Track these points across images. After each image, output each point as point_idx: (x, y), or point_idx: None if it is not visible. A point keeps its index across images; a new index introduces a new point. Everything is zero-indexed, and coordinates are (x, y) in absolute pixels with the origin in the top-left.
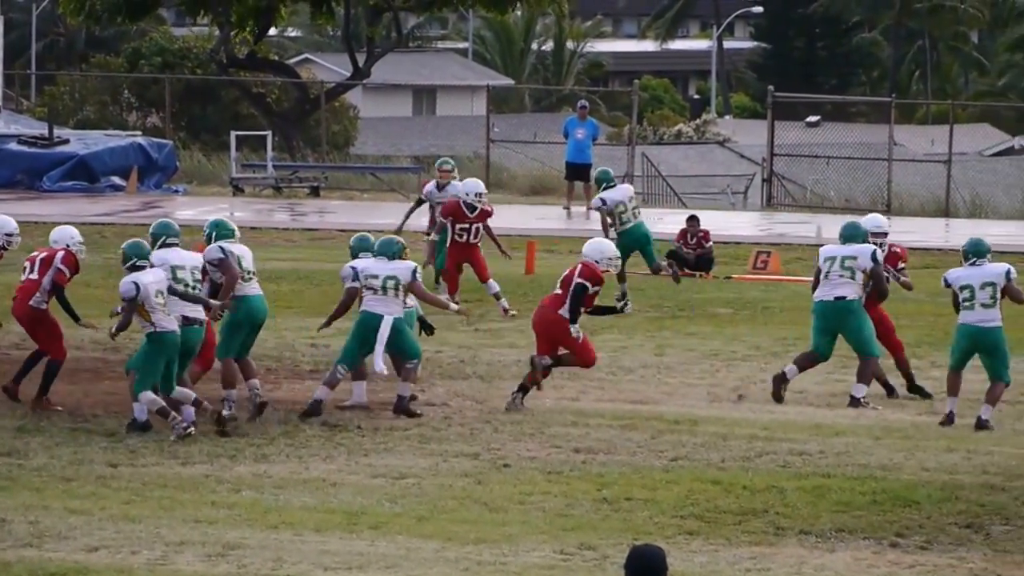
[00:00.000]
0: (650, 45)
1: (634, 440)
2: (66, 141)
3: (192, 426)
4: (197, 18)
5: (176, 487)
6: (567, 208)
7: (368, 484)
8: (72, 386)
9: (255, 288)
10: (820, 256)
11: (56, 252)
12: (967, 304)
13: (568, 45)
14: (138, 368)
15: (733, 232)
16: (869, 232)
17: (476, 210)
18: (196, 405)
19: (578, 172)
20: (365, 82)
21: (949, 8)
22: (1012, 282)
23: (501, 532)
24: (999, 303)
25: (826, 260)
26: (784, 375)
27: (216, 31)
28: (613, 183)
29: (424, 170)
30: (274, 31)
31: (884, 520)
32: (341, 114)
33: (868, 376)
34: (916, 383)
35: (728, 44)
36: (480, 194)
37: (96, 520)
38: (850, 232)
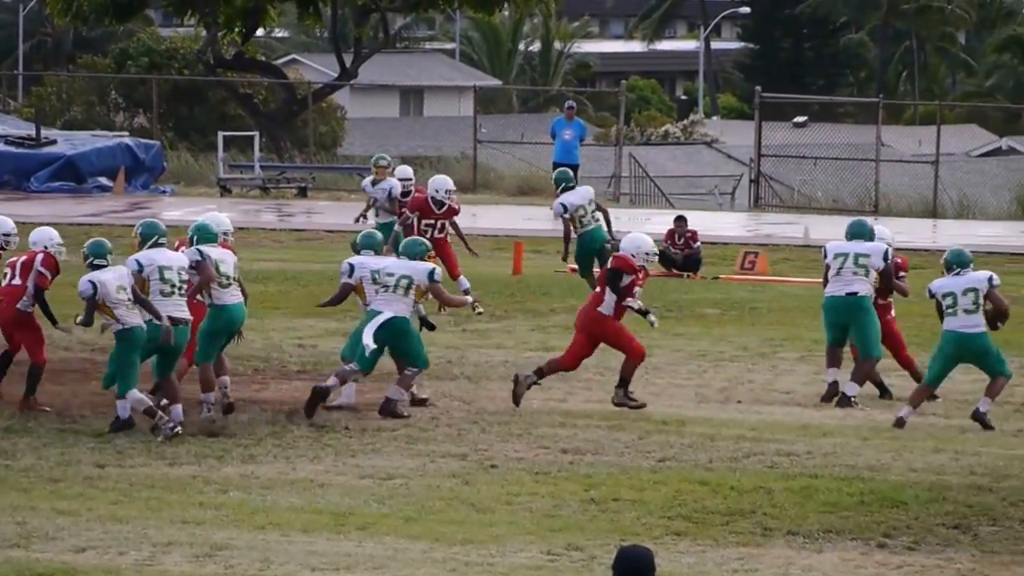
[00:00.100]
0: (637, 46)
1: (622, 441)
2: (53, 142)
3: (179, 426)
4: (184, 19)
5: (164, 488)
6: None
7: (356, 485)
8: (60, 387)
9: (234, 296)
10: (827, 252)
11: (35, 255)
12: (950, 311)
13: (555, 46)
14: (116, 371)
15: (721, 233)
16: None
17: (444, 206)
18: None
19: None
20: (352, 83)
21: (936, 9)
22: (995, 288)
23: (488, 533)
24: (982, 309)
25: (837, 256)
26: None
27: (203, 32)
28: (572, 184)
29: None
30: (261, 31)
31: (872, 521)
32: (328, 115)
33: (862, 376)
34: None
35: (715, 45)
36: (449, 191)
37: (84, 521)
38: (857, 229)
